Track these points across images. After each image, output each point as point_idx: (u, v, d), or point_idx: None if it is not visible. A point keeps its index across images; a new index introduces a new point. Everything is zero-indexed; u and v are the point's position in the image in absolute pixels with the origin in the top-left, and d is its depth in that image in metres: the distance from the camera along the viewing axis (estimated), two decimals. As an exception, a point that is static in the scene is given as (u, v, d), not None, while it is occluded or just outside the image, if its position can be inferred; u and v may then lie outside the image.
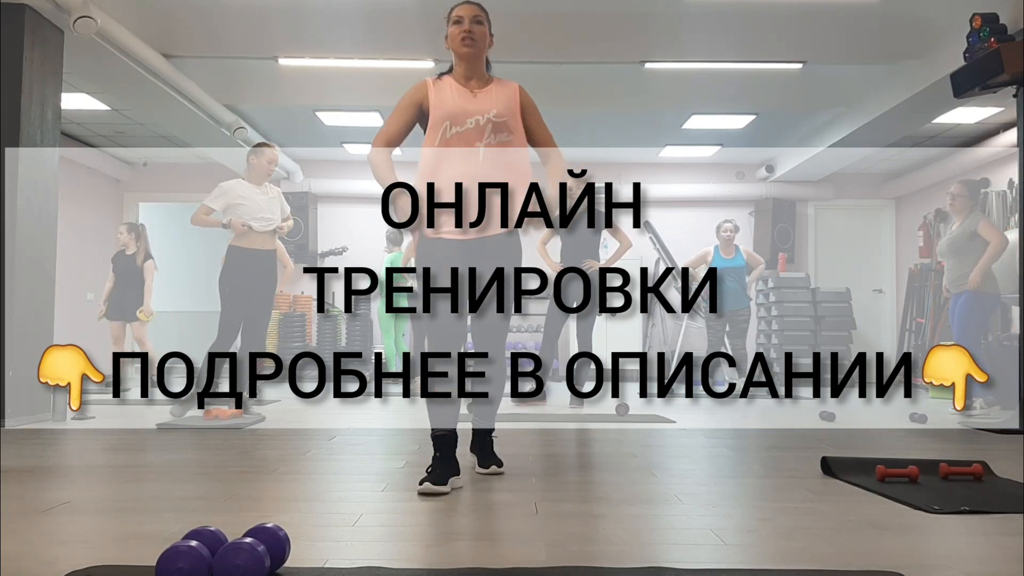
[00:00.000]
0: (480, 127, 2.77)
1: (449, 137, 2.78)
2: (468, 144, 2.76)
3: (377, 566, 1.73)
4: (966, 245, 5.53)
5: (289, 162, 9.50)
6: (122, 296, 7.18)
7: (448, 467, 2.70)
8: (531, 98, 2.93)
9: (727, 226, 7.11)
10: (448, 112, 2.78)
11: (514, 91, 2.89)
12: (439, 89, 2.84)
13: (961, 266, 5.55)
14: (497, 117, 2.79)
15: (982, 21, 4.59)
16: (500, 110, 2.80)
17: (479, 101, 2.81)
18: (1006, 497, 2.58)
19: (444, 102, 2.80)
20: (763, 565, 1.80)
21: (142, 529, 2.09)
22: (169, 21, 5.85)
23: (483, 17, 2.86)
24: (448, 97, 2.81)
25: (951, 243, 5.66)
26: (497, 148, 2.78)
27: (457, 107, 2.79)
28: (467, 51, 2.81)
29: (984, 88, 4.62)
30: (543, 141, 2.96)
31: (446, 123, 2.78)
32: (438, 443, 2.75)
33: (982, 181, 6.02)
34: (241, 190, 5.09)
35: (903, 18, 5.74)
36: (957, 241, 5.60)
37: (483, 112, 2.78)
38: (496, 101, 2.82)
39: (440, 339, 2.76)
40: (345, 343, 9.53)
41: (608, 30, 5.94)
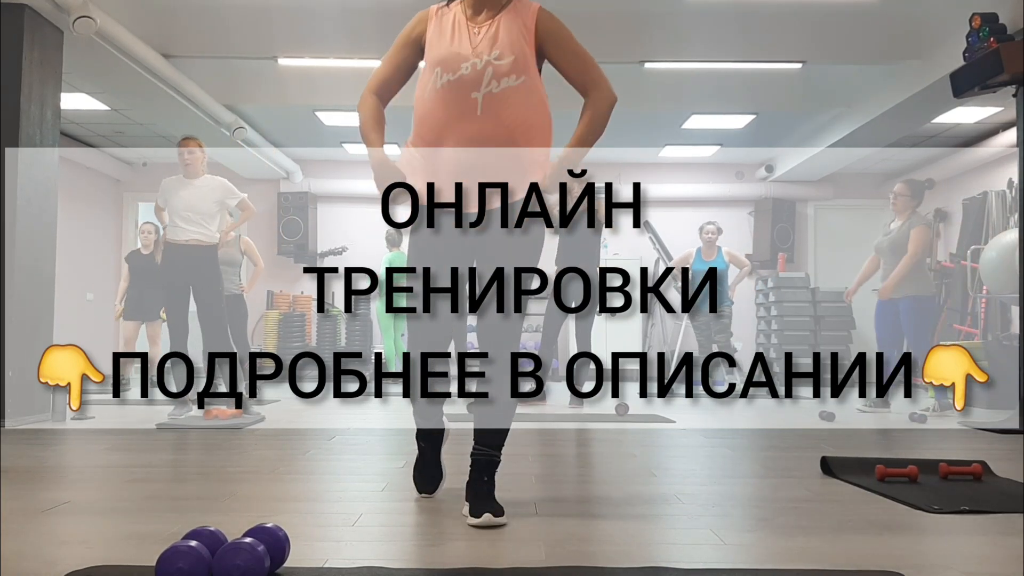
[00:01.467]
0: (478, 73, 2.18)
1: (440, 87, 2.22)
2: (463, 96, 2.19)
3: (377, 566, 1.73)
4: (904, 246, 5.56)
5: (289, 162, 9.50)
6: (141, 296, 7.14)
7: (436, 470, 2.56)
8: (557, 21, 2.27)
9: (709, 228, 7.11)
10: (440, 55, 2.23)
11: (530, 17, 2.25)
12: (440, 23, 2.29)
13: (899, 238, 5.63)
14: (498, 59, 2.18)
15: (982, 21, 4.59)
16: (503, 49, 2.19)
17: (480, 39, 2.22)
18: (1006, 497, 2.58)
19: (439, 41, 2.26)
20: (763, 565, 1.80)
21: (142, 529, 2.09)
22: (169, 21, 5.85)
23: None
24: (445, 34, 2.26)
25: (892, 243, 5.66)
26: (499, 97, 2.19)
27: (450, 49, 2.22)
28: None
29: (984, 88, 4.62)
30: (577, 75, 2.31)
31: (437, 69, 2.23)
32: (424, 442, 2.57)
33: (926, 182, 6.03)
34: (171, 185, 5.12)
35: (903, 18, 5.74)
36: (897, 242, 5.61)
37: (481, 54, 2.19)
38: (501, 38, 2.21)
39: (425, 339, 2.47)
40: (345, 343, 9.53)
41: (608, 30, 5.93)
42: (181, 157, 5.15)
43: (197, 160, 5.15)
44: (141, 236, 7.33)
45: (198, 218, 5.02)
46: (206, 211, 5.05)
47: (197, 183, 5.12)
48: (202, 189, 5.09)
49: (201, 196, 5.06)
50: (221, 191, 5.14)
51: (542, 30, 2.24)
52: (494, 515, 2.14)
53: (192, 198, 5.04)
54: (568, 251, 6.01)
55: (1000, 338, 6.52)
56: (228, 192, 5.18)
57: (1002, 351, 5.97)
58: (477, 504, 2.22)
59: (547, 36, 2.24)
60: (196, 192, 5.07)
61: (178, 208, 5.02)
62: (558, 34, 2.26)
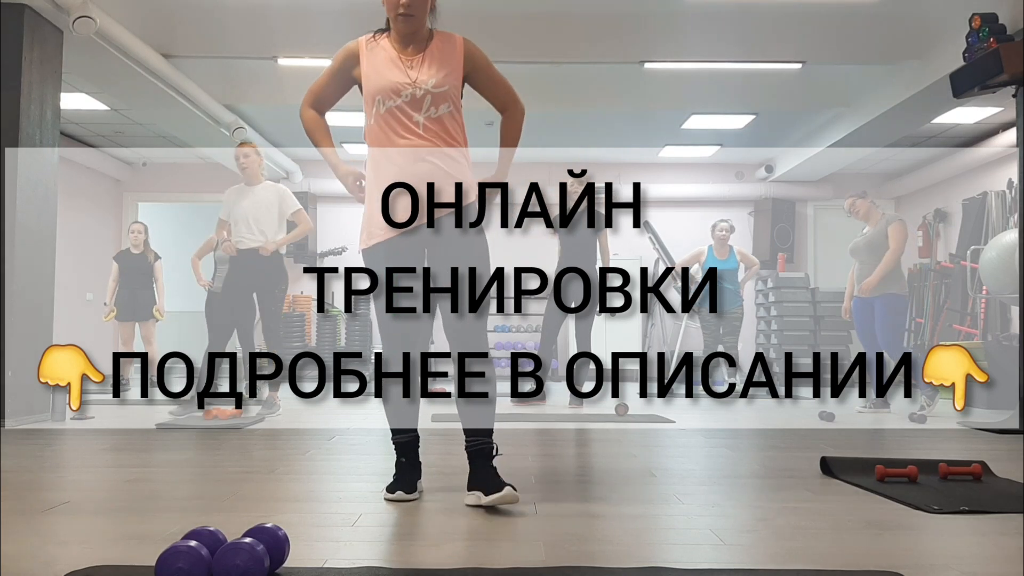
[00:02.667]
0: (417, 100, 2.44)
1: (383, 112, 2.48)
2: (406, 117, 2.45)
3: (377, 566, 1.73)
4: (883, 244, 5.59)
5: (289, 162, 9.50)
6: (133, 296, 7.14)
7: (414, 472, 2.59)
8: (480, 52, 2.55)
9: (723, 225, 7.08)
10: (380, 86, 2.46)
11: (458, 51, 2.51)
12: (372, 55, 2.50)
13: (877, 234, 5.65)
14: (435, 87, 2.44)
15: (981, 21, 4.59)
16: (439, 79, 2.45)
17: (415, 70, 2.45)
18: (1005, 497, 2.58)
19: (376, 73, 2.48)
20: (763, 565, 1.80)
21: (142, 529, 2.09)
22: (169, 21, 5.85)
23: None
24: (381, 67, 2.48)
25: (868, 243, 5.68)
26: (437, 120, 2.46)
27: (388, 80, 2.45)
28: (403, 28, 2.46)
29: (983, 88, 4.62)
30: (498, 97, 2.60)
31: (378, 97, 2.47)
32: (401, 448, 2.61)
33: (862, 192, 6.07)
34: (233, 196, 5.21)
35: (903, 18, 5.74)
36: (874, 241, 5.64)
37: (420, 83, 2.44)
38: (436, 68, 2.46)
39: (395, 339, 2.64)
40: (345, 343, 9.53)
41: (608, 30, 5.94)
42: (237, 161, 5.22)
43: (253, 164, 5.20)
44: (131, 236, 7.35)
45: (259, 227, 5.09)
46: (267, 221, 5.12)
47: (257, 191, 5.18)
48: (262, 198, 5.15)
49: (261, 206, 5.13)
50: (279, 200, 5.20)
51: (468, 62, 2.52)
52: (513, 488, 2.31)
53: (253, 208, 5.11)
54: (569, 251, 6.01)
55: (1000, 338, 6.53)
56: (286, 201, 5.23)
57: (1002, 351, 5.98)
58: (490, 484, 2.35)
59: (473, 66, 2.53)
60: (256, 201, 5.13)
61: (240, 218, 5.11)
62: (482, 63, 2.54)
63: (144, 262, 7.22)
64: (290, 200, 5.25)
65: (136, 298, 7.13)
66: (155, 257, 7.28)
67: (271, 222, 5.14)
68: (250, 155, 5.19)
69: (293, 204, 5.25)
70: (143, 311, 7.15)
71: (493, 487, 2.33)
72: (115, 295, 7.20)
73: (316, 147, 2.71)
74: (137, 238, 7.27)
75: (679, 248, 8.68)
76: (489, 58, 2.57)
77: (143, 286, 7.17)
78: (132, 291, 7.14)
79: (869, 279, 5.57)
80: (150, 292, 7.19)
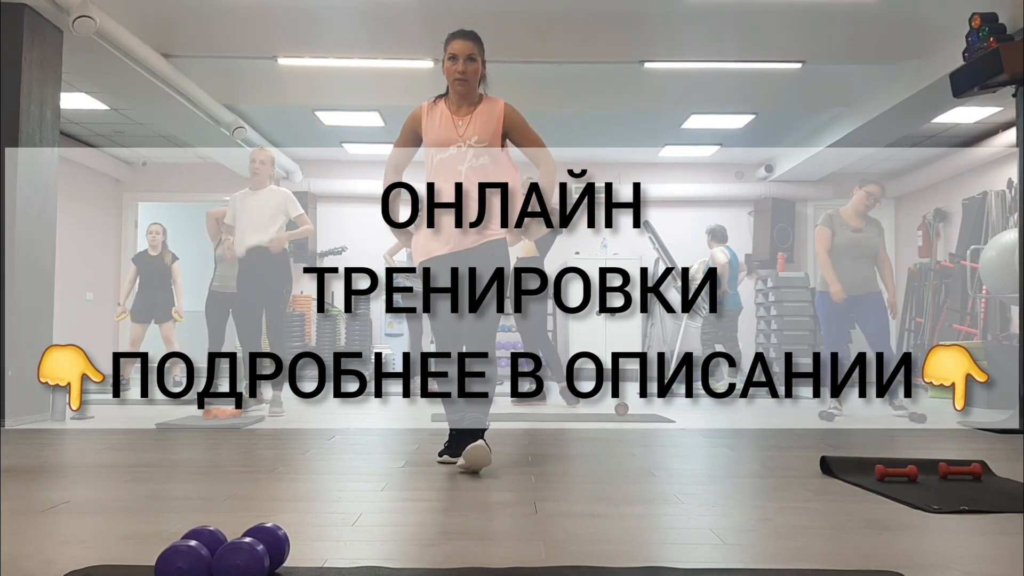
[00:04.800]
0: (462, 153, 3.07)
1: (436, 163, 3.10)
2: (451, 168, 3.06)
3: (377, 566, 1.73)
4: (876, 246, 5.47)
5: (289, 162, 9.50)
6: (150, 298, 7.15)
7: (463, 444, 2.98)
8: (517, 113, 3.17)
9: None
10: (434, 139, 3.11)
11: (499, 113, 3.13)
12: (431, 117, 3.15)
13: (868, 268, 5.45)
14: (477, 143, 3.07)
15: (981, 21, 4.59)
16: (481, 136, 3.08)
17: (463, 128, 3.09)
18: (1005, 497, 2.58)
19: (432, 130, 3.13)
20: (762, 565, 1.80)
21: (142, 529, 2.09)
22: (169, 21, 5.85)
23: (477, 53, 3.11)
24: (436, 124, 3.12)
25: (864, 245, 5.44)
26: (477, 169, 3.06)
27: (441, 136, 3.09)
28: (460, 89, 3.10)
29: (983, 88, 4.61)
30: (531, 152, 3.21)
31: (431, 150, 3.11)
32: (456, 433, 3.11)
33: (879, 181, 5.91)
34: (238, 201, 5.29)
35: (903, 18, 5.74)
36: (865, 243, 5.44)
37: (465, 139, 3.07)
38: (479, 127, 3.08)
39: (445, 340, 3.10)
40: (345, 343, 9.53)
41: (608, 30, 5.94)
42: (252, 163, 5.30)
43: (265, 171, 5.31)
44: (149, 237, 7.34)
45: (262, 225, 5.16)
46: (272, 223, 5.18)
47: (262, 194, 5.26)
48: (267, 202, 5.23)
49: (267, 209, 5.21)
50: (284, 204, 5.27)
51: (507, 122, 3.15)
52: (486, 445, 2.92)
53: (258, 211, 5.20)
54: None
55: (1000, 338, 6.53)
56: (289, 203, 5.30)
57: (1002, 351, 5.98)
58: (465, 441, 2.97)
59: (511, 126, 3.16)
60: (262, 205, 5.22)
61: (244, 221, 5.20)
62: (519, 124, 3.17)
63: (161, 263, 7.24)
64: (294, 204, 5.32)
65: (154, 299, 7.14)
66: (172, 258, 7.29)
67: (276, 225, 5.21)
68: (266, 163, 5.32)
69: (296, 208, 5.32)
70: (161, 312, 7.16)
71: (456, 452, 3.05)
72: (131, 296, 7.20)
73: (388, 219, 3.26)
74: (155, 239, 7.27)
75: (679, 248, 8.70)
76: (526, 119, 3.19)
77: (161, 287, 7.18)
78: (150, 293, 7.15)
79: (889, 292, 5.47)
80: (168, 293, 7.20)
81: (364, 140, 9.05)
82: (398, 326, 9.24)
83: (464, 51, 3.08)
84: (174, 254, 7.33)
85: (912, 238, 9.63)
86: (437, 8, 5.69)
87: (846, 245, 5.45)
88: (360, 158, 9.85)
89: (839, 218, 5.50)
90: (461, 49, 3.08)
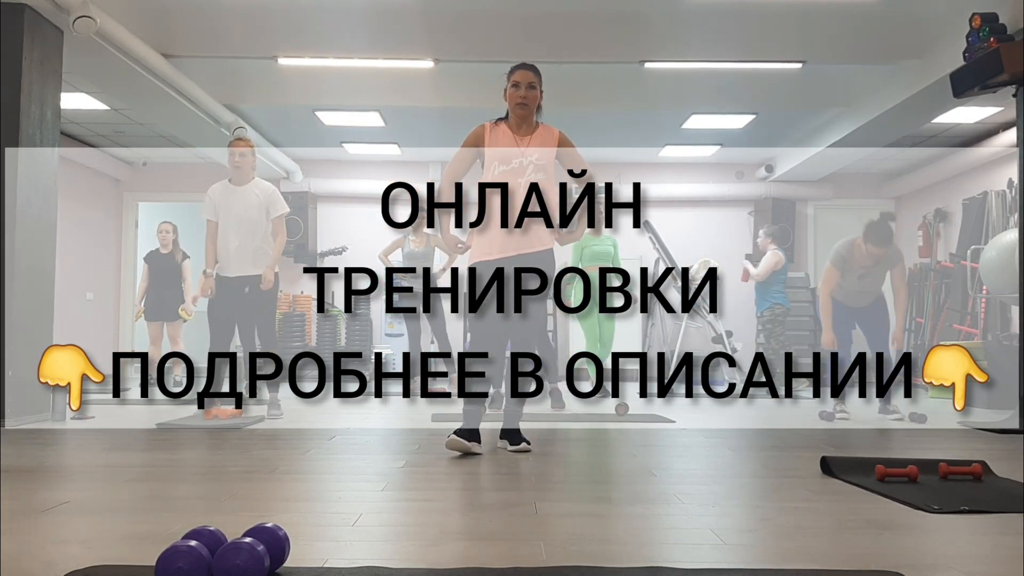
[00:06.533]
0: (523, 167, 3.51)
1: (498, 173, 3.51)
2: (513, 179, 3.50)
3: (377, 566, 1.73)
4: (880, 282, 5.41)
5: (289, 162, 9.50)
6: (160, 296, 7.16)
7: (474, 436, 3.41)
8: (568, 139, 3.67)
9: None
10: (499, 155, 3.53)
11: (555, 138, 3.62)
12: (495, 134, 3.58)
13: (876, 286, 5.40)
14: (537, 161, 3.53)
15: (982, 21, 4.59)
16: (539, 156, 3.54)
17: (524, 147, 3.55)
18: (1006, 497, 2.58)
19: (496, 144, 3.56)
20: (763, 565, 1.80)
21: (142, 529, 2.09)
22: (169, 21, 5.85)
23: (536, 83, 3.56)
24: (501, 141, 3.56)
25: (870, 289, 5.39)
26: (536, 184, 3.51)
27: (505, 151, 3.53)
28: (521, 112, 3.54)
29: (984, 88, 4.61)
30: (577, 172, 3.70)
31: (495, 162, 3.53)
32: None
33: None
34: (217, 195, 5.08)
35: (903, 18, 5.74)
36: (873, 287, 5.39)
37: (527, 156, 3.52)
38: (538, 148, 3.55)
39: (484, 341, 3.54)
40: (345, 343, 9.53)
41: (608, 30, 5.94)
42: (231, 159, 5.07)
43: (247, 163, 5.07)
44: (159, 236, 7.35)
45: (249, 229, 5.00)
46: (256, 223, 5.02)
47: (246, 190, 5.05)
48: (251, 199, 5.03)
49: (252, 207, 5.02)
50: (268, 201, 5.07)
51: (561, 147, 3.65)
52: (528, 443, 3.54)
53: (243, 210, 5.00)
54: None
55: (1000, 338, 6.53)
56: (274, 203, 5.10)
57: (1002, 351, 5.98)
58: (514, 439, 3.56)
59: (563, 150, 3.66)
60: (246, 203, 5.02)
61: (229, 221, 4.99)
62: (570, 148, 3.68)
63: (172, 262, 7.25)
64: (278, 203, 5.11)
65: (164, 298, 7.15)
66: (183, 257, 7.30)
67: (260, 223, 5.03)
68: (246, 155, 5.06)
69: (279, 208, 5.10)
70: (170, 311, 7.16)
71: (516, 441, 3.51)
72: (145, 296, 7.22)
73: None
74: (166, 238, 7.29)
75: (679, 248, 8.70)
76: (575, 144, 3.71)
77: (171, 286, 7.19)
78: (160, 291, 7.16)
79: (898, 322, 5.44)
80: (178, 292, 7.21)
81: (364, 140, 9.04)
82: (398, 326, 9.22)
83: (526, 80, 3.52)
84: (185, 252, 7.34)
85: (912, 238, 9.62)
86: (437, 8, 5.70)
87: (852, 290, 5.33)
88: (360, 158, 9.85)
89: (851, 259, 5.24)
90: (523, 78, 3.52)
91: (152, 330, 7.21)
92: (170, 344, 7.22)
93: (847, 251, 5.29)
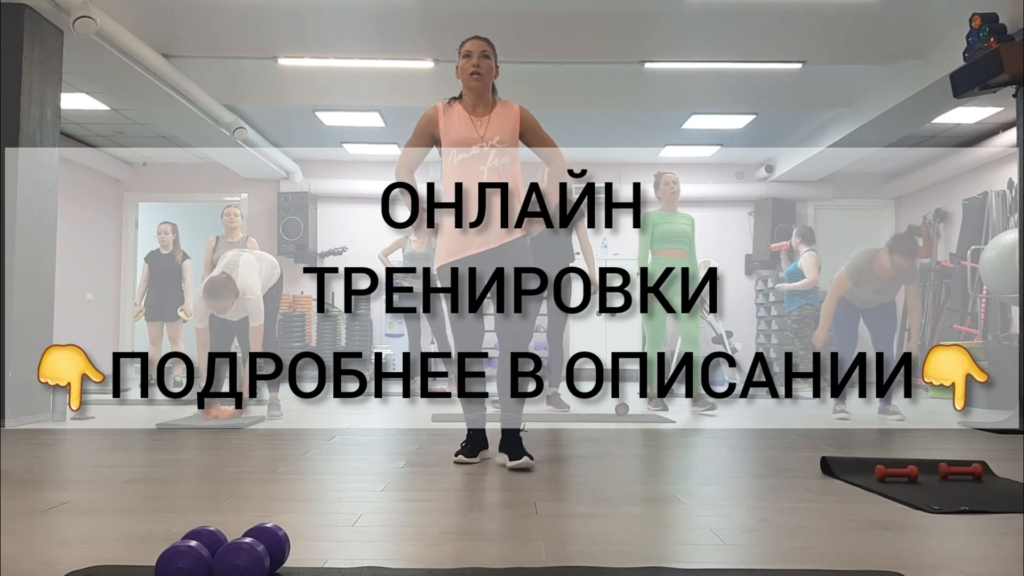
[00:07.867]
0: (484, 152, 3.15)
1: (457, 162, 3.16)
2: (474, 168, 3.14)
3: (377, 566, 1.73)
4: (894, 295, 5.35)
5: (289, 162, 9.50)
6: (160, 296, 7.17)
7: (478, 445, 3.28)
8: (531, 116, 3.28)
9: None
10: (454, 140, 3.17)
11: (515, 115, 3.23)
12: (448, 118, 3.21)
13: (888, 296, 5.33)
14: (498, 143, 3.16)
15: (982, 21, 4.59)
16: (502, 136, 3.17)
17: (483, 129, 3.17)
18: (1006, 497, 2.58)
19: (452, 130, 3.18)
20: (763, 565, 1.80)
21: (142, 529, 2.09)
22: (169, 21, 5.85)
23: (490, 52, 3.20)
24: (455, 125, 3.18)
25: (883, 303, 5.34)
26: (498, 168, 3.15)
27: (462, 135, 3.16)
28: (475, 84, 3.17)
29: (984, 88, 4.61)
30: (543, 152, 3.34)
31: (453, 150, 3.17)
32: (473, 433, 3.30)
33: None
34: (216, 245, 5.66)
35: (903, 18, 5.74)
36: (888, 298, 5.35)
37: (487, 139, 3.16)
38: (498, 128, 3.18)
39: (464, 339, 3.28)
40: (345, 343, 9.53)
41: (608, 30, 5.94)
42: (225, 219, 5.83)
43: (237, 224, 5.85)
44: (159, 236, 7.37)
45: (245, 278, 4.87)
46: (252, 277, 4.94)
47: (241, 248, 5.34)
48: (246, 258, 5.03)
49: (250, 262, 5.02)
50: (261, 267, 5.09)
51: (523, 124, 3.25)
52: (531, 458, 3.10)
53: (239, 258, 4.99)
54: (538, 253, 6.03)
55: (1000, 338, 6.53)
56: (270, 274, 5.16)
57: (1002, 351, 5.98)
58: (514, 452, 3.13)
59: (526, 128, 3.26)
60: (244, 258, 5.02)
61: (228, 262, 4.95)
62: (533, 126, 3.27)
63: (172, 262, 7.26)
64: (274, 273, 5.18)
65: (164, 298, 7.16)
66: (183, 257, 7.31)
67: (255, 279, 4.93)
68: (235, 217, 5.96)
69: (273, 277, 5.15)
70: (170, 311, 7.17)
71: (516, 455, 3.08)
72: (145, 296, 7.22)
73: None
74: (165, 238, 7.31)
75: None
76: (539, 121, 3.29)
77: (171, 286, 7.20)
78: (160, 291, 7.17)
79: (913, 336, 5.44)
80: (178, 292, 7.22)
81: (364, 140, 9.04)
82: (398, 326, 9.23)
83: (478, 48, 3.18)
84: (185, 253, 7.35)
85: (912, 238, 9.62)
86: (437, 8, 5.70)
87: (864, 298, 5.28)
88: (360, 158, 9.85)
89: (869, 272, 5.11)
90: (475, 47, 3.19)
91: (152, 330, 7.22)
92: (170, 344, 7.23)
93: (866, 264, 5.13)
